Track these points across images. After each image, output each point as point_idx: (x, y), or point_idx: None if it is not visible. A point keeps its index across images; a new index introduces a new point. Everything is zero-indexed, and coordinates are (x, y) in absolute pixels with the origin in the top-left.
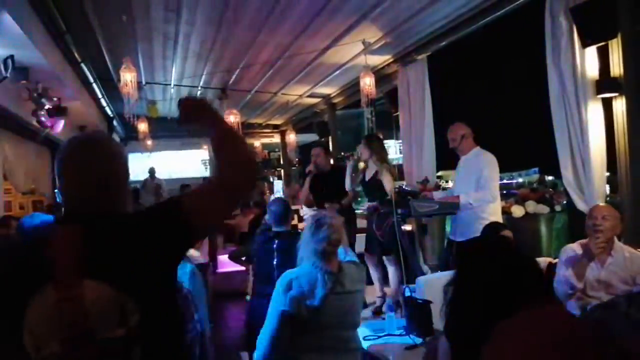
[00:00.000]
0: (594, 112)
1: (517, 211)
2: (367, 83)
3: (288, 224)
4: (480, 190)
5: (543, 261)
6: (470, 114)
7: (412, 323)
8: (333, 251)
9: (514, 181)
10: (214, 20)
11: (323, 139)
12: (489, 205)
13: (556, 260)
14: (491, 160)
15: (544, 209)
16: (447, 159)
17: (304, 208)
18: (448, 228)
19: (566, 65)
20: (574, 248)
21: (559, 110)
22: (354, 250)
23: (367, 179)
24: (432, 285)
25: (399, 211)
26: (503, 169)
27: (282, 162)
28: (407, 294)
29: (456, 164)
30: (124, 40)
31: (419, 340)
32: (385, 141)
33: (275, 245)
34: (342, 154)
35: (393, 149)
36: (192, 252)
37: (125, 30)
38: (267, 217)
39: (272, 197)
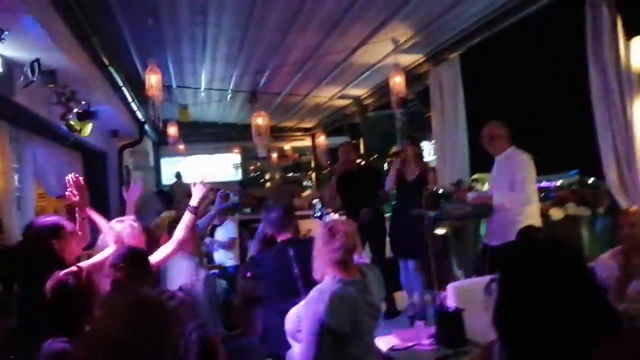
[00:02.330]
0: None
1: (556, 214)
2: (397, 82)
3: (292, 229)
4: (515, 191)
5: None
6: (506, 114)
7: (443, 332)
8: (350, 259)
9: (553, 184)
10: (241, 22)
11: (354, 141)
12: (525, 207)
13: None
14: (526, 160)
15: (585, 211)
16: (483, 161)
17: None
18: (483, 232)
19: (609, 59)
20: (609, 264)
21: (601, 107)
22: (384, 254)
23: (409, 179)
24: (464, 292)
25: (431, 214)
26: (541, 172)
27: (313, 165)
28: (438, 301)
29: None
30: (152, 44)
31: (449, 351)
32: None
33: (292, 254)
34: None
35: (426, 150)
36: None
37: (153, 34)
38: (261, 226)
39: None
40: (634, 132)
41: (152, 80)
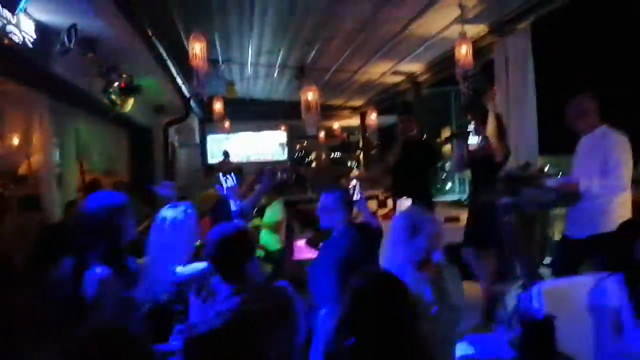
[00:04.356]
0: None
1: None
2: (464, 53)
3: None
4: (608, 176)
5: None
6: (586, 91)
7: (528, 343)
8: (430, 259)
9: None
10: None
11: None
12: (618, 195)
13: None
14: (621, 140)
15: None
16: (551, 142)
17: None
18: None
19: None
20: None
21: None
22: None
23: (497, 159)
24: (554, 294)
25: (505, 200)
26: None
27: (360, 145)
28: (523, 304)
29: (564, 148)
30: (198, 15)
31: None
32: None
33: (356, 240)
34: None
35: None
36: None
37: (199, 3)
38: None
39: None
40: None
41: (196, 49)
